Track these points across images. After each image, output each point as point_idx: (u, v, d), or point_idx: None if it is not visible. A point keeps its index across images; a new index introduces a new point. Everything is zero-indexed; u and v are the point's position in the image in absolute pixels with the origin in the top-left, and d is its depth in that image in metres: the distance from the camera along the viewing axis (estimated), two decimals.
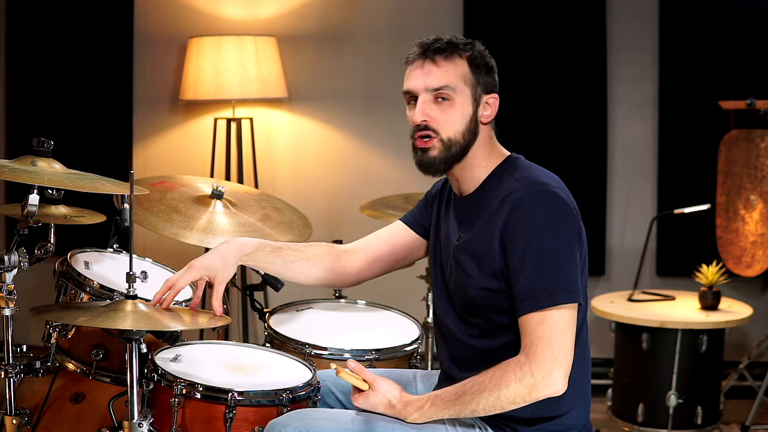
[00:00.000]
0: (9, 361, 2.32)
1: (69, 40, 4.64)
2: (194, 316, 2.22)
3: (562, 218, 1.96)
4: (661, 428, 3.68)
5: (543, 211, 1.95)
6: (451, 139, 2.05)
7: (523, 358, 1.91)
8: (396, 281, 3.63)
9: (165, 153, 4.73)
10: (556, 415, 2.02)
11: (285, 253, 2.34)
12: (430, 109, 2.05)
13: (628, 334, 3.76)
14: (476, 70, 2.06)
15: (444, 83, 2.04)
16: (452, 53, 2.05)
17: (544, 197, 1.96)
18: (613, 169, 4.53)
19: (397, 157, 4.60)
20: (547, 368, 1.88)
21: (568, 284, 1.92)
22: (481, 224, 2.03)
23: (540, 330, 1.90)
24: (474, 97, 2.06)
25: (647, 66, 4.47)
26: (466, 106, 2.05)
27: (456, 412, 1.97)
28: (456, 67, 2.05)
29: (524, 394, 1.90)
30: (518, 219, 1.95)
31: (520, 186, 1.99)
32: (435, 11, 4.59)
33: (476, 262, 2.02)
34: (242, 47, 4.27)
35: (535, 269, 1.91)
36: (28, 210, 2.22)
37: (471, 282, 2.04)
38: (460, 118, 2.05)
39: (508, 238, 1.96)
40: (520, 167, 2.07)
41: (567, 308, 1.91)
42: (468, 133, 2.06)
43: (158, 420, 2.18)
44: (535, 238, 1.93)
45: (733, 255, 3.99)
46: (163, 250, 4.27)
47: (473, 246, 2.04)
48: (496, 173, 2.08)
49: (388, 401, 2.02)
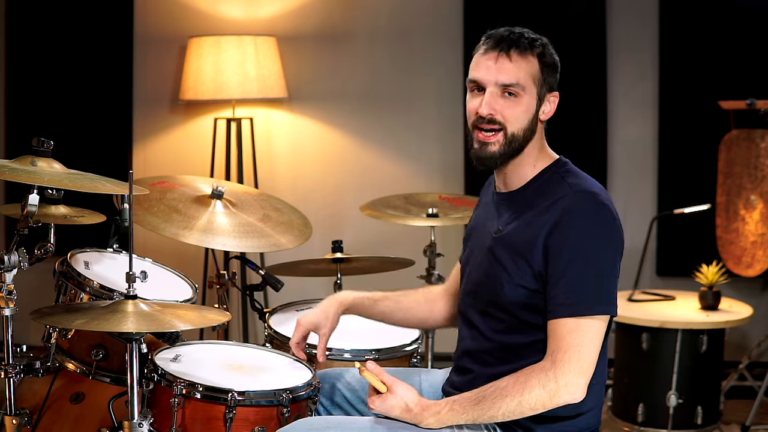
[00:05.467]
0: (9, 361, 2.31)
1: (69, 40, 4.65)
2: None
3: (611, 231, 1.98)
4: (661, 428, 3.68)
5: (593, 221, 1.96)
6: (514, 135, 2.05)
7: (549, 364, 1.91)
8: (396, 281, 3.63)
9: (165, 153, 4.73)
10: (572, 415, 2.02)
11: (383, 305, 2.42)
12: (497, 102, 2.04)
13: (628, 334, 3.76)
14: (545, 69, 2.07)
15: (515, 80, 2.03)
16: (526, 49, 2.05)
17: (595, 208, 1.98)
18: (613, 168, 4.54)
19: (397, 157, 4.60)
20: (570, 375, 1.89)
21: (607, 296, 1.95)
22: (524, 221, 2.03)
23: (571, 337, 1.91)
24: (539, 95, 2.07)
25: (647, 66, 4.47)
26: (531, 103, 2.06)
27: (474, 418, 1.96)
28: (528, 64, 2.05)
29: (545, 401, 1.91)
30: (567, 225, 1.95)
31: (573, 192, 2.00)
32: (435, 11, 4.59)
33: (513, 258, 2.02)
34: (242, 47, 4.27)
35: (578, 276, 1.93)
36: (28, 210, 2.22)
37: (505, 276, 2.03)
38: (524, 115, 2.06)
39: (553, 243, 1.96)
40: (571, 173, 2.08)
41: (601, 319, 1.94)
42: (529, 131, 2.07)
43: (158, 420, 2.18)
44: (582, 247, 1.94)
45: (733, 255, 3.99)
46: (163, 250, 4.27)
47: (513, 241, 2.03)
48: (545, 174, 2.09)
49: (405, 404, 2.00)
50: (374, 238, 4.49)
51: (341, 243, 3.10)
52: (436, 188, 4.41)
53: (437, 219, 3.45)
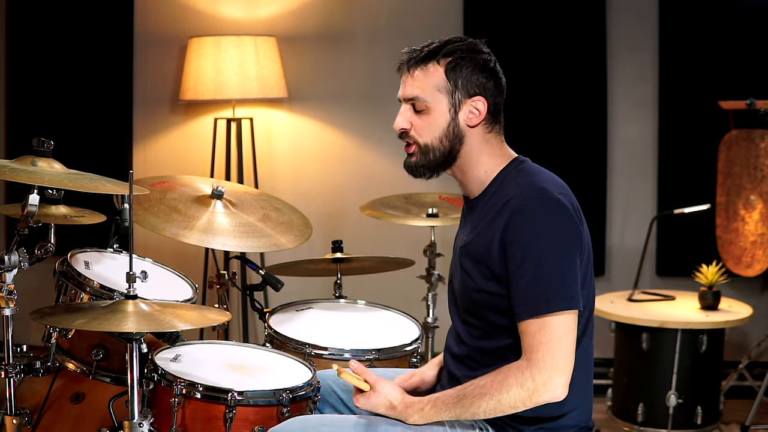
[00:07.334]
0: (9, 361, 2.32)
1: (69, 40, 4.64)
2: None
3: (562, 224, 1.97)
4: (660, 428, 3.68)
5: (542, 217, 1.95)
6: (428, 145, 2.09)
7: (524, 363, 1.92)
8: (396, 281, 3.64)
9: (165, 153, 4.73)
10: (557, 415, 2.03)
11: None
12: (410, 116, 2.10)
13: (628, 334, 3.76)
14: (455, 75, 2.05)
15: (414, 94, 2.07)
16: (426, 60, 2.07)
17: (543, 203, 1.97)
18: (613, 168, 4.54)
19: (397, 157, 4.55)
20: (548, 374, 1.89)
21: (566, 291, 1.93)
22: (481, 227, 2.05)
23: (540, 335, 1.91)
24: (452, 102, 2.06)
25: (647, 66, 4.47)
26: (442, 113, 2.07)
27: (456, 415, 1.98)
28: (429, 75, 2.06)
29: (525, 399, 1.91)
30: (518, 225, 1.96)
31: (521, 192, 1.99)
32: (435, 11, 4.59)
33: (476, 264, 2.04)
34: (242, 47, 4.27)
35: (534, 275, 1.92)
36: (28, 210, 2.22)
37: (471, 283, 2.05)
38: (434, 125, 2.07)
39: (508, 243, 1.97)
40: (524, 172, 2.07)
41: (566, 314, 1.92)
42: (447, 139, 2.07)
43: (158, 420, 2.18)
44: (533, 245, 1.93)
45: (733, 255, 3.99)
46: (163, 250, 4.27)
47: (474, 248, 2.05)
48: (500, 177, 2.08)
49: (389, 402, 2.03)
50: (374, 238, 4.49)
51: (341, 243, 3.10)
52: (436, 188, 4.40)
53: (437, 219, 3.46)
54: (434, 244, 3.54)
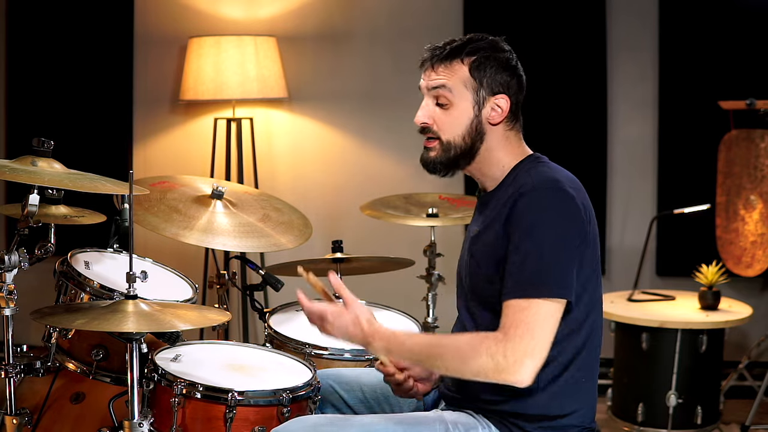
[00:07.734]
0: (9, 361, 2.32)
1: (69, 40, 4.65)
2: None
3: (567, 215, 1.96)
4: (660, 428, 3.68)
5: (549, 206, 1.95)
6: (450, 142, 2.07)
7: (501, 335, 1.89)
8: (396, 281, 3.64)
9: (165, 153, 4.73)
10: (560, 414, 2.02)
11: None
12: (433, 111, 2.08)
13: (627, 334, 3.76)
14: (480, 72, 2.06)
15: (442, 82, 2.06)
16: (451, 59, 2.07)
17: (551, 194, 1.97)
18: (613, 168, 4.54)
19: (397, 157, 4.60)
20: (520, 354, 1.86)
21: (558, 279, 1.92)
22: (492, 218, 2.05)
23: (522, 314, 1.88)
24: (476, 99, 2.06)
25: (647, 66, 4.47)
26: (466, 109, 2.06)
27: (419, 360, 1.97)
28: (454, 71, 2.06)
29: (489, 371, 1.87)
30: (523, 208, 1.95)
31: (532, 181, 2.00)
32: (435, 11, 4.59)
33: (485, 254, 2.03)
34: (242, 47, 4.27)
35: (529, 258, 1.91)
36: (28, 210, 2.22)
37: (479, 272, 2.05)
38: (458, 122, 2.06)
39: (511, 226, 1.97)
40: (541, 164, 2.08)
41: (553, 302, 1.91)
42: (470, 136, 2.07)
43: (158, 420, 2.18)
44: (535, 230, 1.93)
45: (733, 255, 3.99)
46: (164, 250, 4.27)
47: (485, 238, 2.05)
48: (515, 170, 2.09)
49: (357, 319, 1.99)
50: (374, 238, 4.49)
51: (341, 243, 3.10)
52: (436, 188, 4.40)
53: (437, 219, 3.45)
54: (434, 244, 3.54)
